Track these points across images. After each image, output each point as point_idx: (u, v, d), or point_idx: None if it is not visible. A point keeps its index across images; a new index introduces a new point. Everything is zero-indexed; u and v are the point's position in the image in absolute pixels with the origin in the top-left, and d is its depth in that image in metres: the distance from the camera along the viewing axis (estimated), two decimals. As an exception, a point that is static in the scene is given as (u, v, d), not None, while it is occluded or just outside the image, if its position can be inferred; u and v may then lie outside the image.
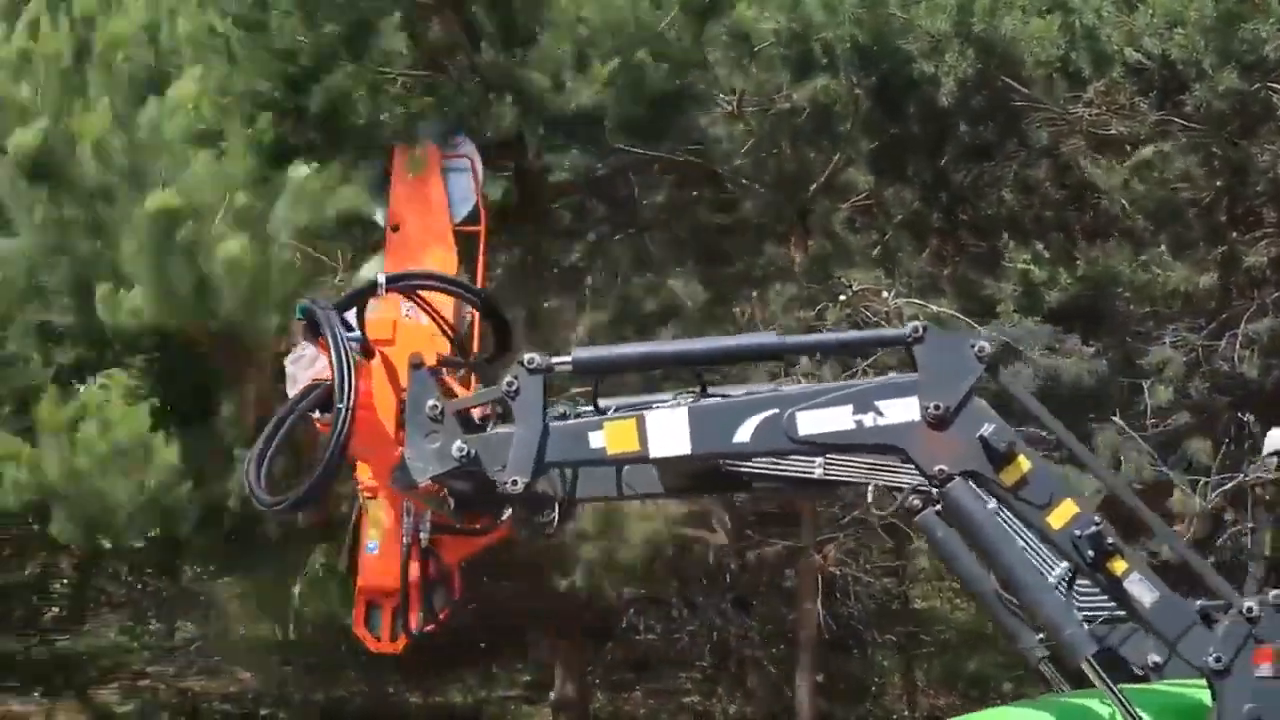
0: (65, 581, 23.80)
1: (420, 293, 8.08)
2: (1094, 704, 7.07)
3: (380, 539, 8.60)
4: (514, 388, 6.95)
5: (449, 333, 8.21)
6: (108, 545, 17.11)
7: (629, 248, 17.06)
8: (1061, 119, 16.37)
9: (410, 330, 7.38)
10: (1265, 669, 6.67)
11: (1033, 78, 16.02)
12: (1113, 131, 16.34)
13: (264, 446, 7.16)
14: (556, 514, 7.63)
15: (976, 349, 6.82)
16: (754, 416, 6.88)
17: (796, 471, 7.25)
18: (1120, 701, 6.77)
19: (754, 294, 17.17)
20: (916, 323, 6.96)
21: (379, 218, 10.47)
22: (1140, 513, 7.39)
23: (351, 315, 7.36)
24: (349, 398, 6.84)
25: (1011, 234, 17.00)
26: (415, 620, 8.22)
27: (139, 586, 23.51)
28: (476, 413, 7.32)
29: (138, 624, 23.54)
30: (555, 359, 7.03)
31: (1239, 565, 11.49)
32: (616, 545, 16.47)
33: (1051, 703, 7.56)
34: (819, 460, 7.18)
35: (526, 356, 6.99)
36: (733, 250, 17.66)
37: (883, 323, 16.15)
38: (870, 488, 7.20)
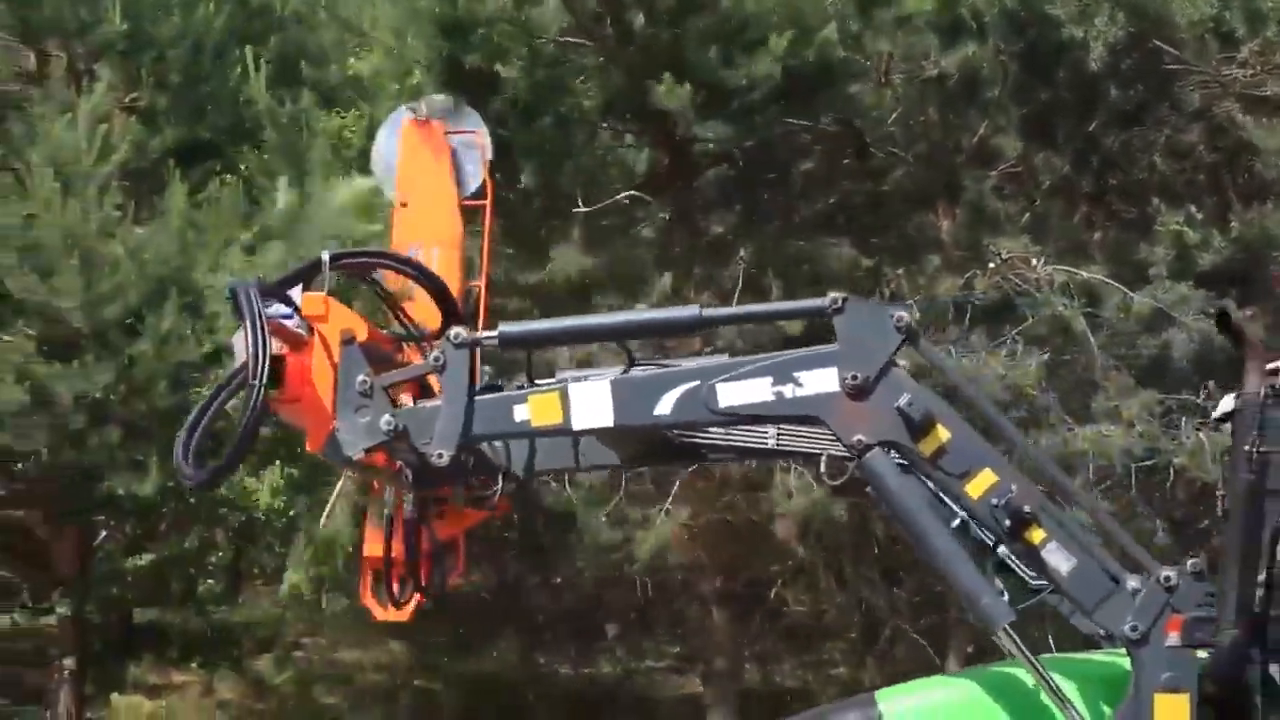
0: (221, 555, 24.21)
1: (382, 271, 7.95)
2: (1022, 673, 7.00)
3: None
4: (440, 362, 6.98)
5: (397, 312, 8.04)
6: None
7: (778, 217, 17.03)
8: (1214, 81, 16.18)
9: (343, 307, 7.38)
10: (1174, 638, 6.64)
11: (1184, 39, 15.85)
12: (1267, 92, 16.12)
13: (194, 422, 7.14)
14: (500, 485, 7.66)
15: (895, 319, 6.75)
16: (675, 389, 6.87)
17: (750, 442, 7.29)
18: (1038, 671, 6.75)
19: (902, 266, 17.10)
20: (836, 294, 6.85)
21: (389, 193, 10.45)
22: (1059, 482, 7.38)
23: (298, 294, 7.27)
24: (262, 375, 6.80)
25: (1163, 198, 16.81)
26: (406, 590, 8.27)
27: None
28: (438, 388, 7.27)
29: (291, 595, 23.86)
30: (482, 334, 7.08)
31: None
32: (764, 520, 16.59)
33: (983, 673, 7.54)
34: (772, 430, 7.20)
35: (452, 331, 7.02)
36: (881, 219, 17.59)
37: (1032, 290, 16.09)
38: (824, 457, 7.20)
